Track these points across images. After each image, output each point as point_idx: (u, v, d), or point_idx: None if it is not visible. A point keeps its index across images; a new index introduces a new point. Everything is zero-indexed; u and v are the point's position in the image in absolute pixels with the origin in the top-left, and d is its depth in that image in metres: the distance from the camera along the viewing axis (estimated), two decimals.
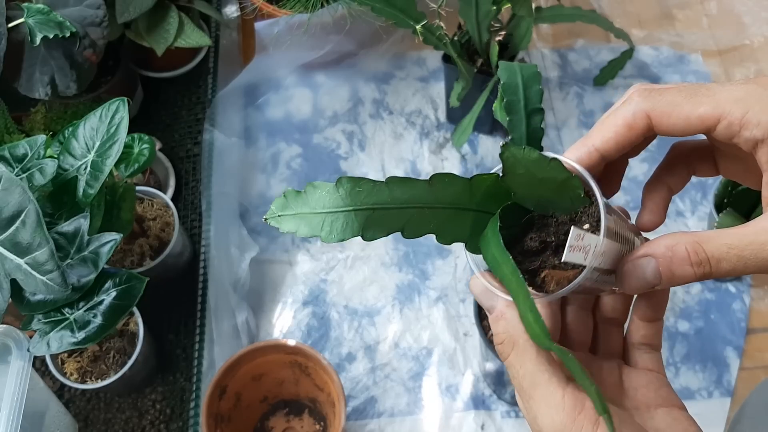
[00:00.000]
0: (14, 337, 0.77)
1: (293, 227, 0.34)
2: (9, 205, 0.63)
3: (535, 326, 0.32)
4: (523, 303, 0.33)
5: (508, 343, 0.36)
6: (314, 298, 1.05)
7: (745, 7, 1.30)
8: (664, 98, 0.35)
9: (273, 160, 1.18)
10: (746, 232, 0.34)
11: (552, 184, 0.35)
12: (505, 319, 0.36)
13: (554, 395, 0.34)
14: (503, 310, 0.36)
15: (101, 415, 0.95)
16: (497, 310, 0.36)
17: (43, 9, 0.91)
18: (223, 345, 0.96)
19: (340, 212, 0.34)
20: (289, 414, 0.95)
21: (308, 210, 0.34)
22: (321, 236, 0.34)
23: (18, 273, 0.65)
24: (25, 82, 0.95)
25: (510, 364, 0.36)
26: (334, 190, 0.34)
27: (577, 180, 0.36)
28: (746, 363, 0.99)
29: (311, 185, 0.34)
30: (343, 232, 0.34)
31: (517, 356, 0.35)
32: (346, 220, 0.34)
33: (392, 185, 0.34)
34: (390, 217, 0.34)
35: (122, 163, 0.84)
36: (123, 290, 0.74)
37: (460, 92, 1.04)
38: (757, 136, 0.34)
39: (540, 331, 0.32)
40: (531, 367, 0.35)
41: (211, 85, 1.24)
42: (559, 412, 0.34)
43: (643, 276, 0.35)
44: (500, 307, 0.36)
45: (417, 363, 1.00)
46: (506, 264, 0.33)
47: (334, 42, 1.20)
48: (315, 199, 0.34)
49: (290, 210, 0.35)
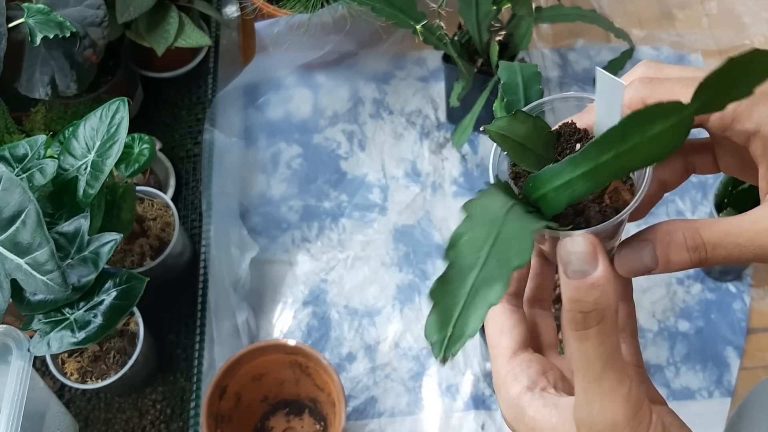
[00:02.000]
0: (14, 337, 0.77)
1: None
2: (9, 205, 0.64)
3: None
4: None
5: (595, 316, 0.32)
6: (314, 298, 1.06)
7: (745, 7, 1.30)
8: (663, 87, 0.35)
9: (273, 160, 1.18)
10: (744, 219, 0.34)
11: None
12: (603, 291, 0.32)
13: (623, 386, 0.33)
14: (603, 281, 0.32)
15: (101, 415, 0.95)
16: (596, 277, 0.32)
17: (44, 9, 0.92)
18: (223, 345, 0.96)
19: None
20: (289, 414, 0.95)
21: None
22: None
23: (18, 273, 0.65)
24: (26, 82, 0.96)
25: (588, 336, 0.33)
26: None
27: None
28: (747, 363, 0.99)
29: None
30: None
31: (600, 333, 0.33)
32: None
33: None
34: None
35: (122, 163, 0.84)
36: (123, 290, 0.74)
37: (461, 92, 1.05)
38: (749, 129, 0.34)
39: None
40: (610, 349, 0.33)
41: (211, 85, 1.24)
42: (623, 405, 0.33)
43: (640, 259, 0.35)
44: (601, 275, 0.32)
45: (417, 363, 1.00)
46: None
47: (335, 42, 1.20)
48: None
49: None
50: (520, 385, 0.37)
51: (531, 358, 0.38)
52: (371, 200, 1.14)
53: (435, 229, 1.11)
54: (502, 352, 0.39)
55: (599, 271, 0.33)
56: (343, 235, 1.11)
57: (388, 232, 1.11)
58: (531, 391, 0.37)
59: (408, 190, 1.15)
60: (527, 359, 0.38)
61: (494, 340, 0.39)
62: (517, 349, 0.39)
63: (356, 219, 1.12)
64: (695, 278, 1.05)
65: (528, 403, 0.36)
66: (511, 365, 0.38)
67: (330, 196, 1.14)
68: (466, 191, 1.14)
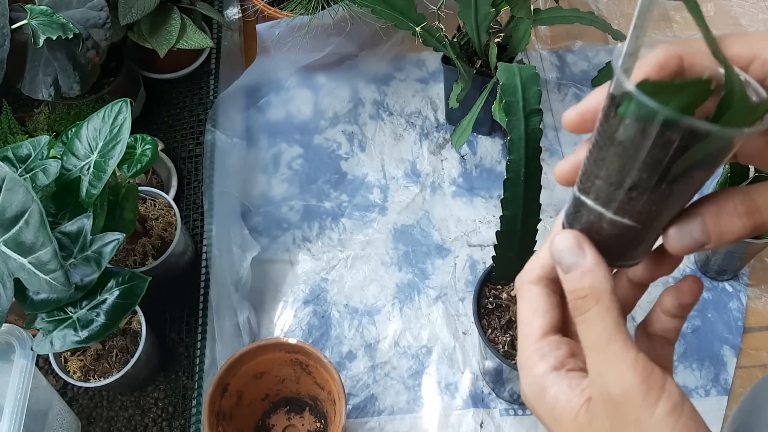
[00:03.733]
0: (18, 335, 0.78)
1: None
2: (13, 205, 0.64)
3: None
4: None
5: (592, 298, 0.35)
6: (315, 297, 1.06)
7: (742, 9, 1.31)
8: (695, 44, 0.35)
9: (274, 160, 1.19)
10: None
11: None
12: (593, 275, 0.35)
13: (628, 354, 0.34)
14: (592, 267, 0.35)
15: (104, 413, 0.96)
16: (586, 265, 0.36)
17: (46, 11, 0.92)
18: (224, 343, 0.97)
19: None
20: (290, 412, 0.96)
21: None
22: None
23: (21, 272, 0.66)
24: (29, 84, 0.96)
25: (588, 317, 0.35)
26: None
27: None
28: (743, 361, 1.00)
29: None
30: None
31: (599, 311, 0.35)
32: None
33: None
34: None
35: (125, 164, 0.85)
36: (126, 289, 0.75)
37: (460, 93, 1.05)
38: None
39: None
40: (612, 324, 0.34)
41: (212, 87, 1.25)
42: (631, 371, 0.34)
43: (690, 234, 0.34)
44: (589, 262, 0.35)
45: (417, 361, 1.01)
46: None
47: (335, 44, 1.21)
48: None
49: None
50: (547, 364, 0.37)
51: (561, 340, 0.39)
52: (371, 200, 1.14)
53: (434, 228, 1.11)
54: (533, 332, 0.39)
55: (588, 259, 0.36)
56: (344, 235, 1.11)
57: (388, 232, 1.11)
58: (557, 371, 0.37)
59: (408, 190, 1.15)
60: (557, 341, 0.38)
61: (526, 318, 0.40)
62: (548, 330, 0.39)
63: (356, 219, 1.13)
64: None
65: (552, 382, 0.37)
66: (539, 344, 0.38)
67: (330, 196, 1.15)
68: (465, 191, 1.15)
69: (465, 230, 1.11)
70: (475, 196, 1.14)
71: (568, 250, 0.36)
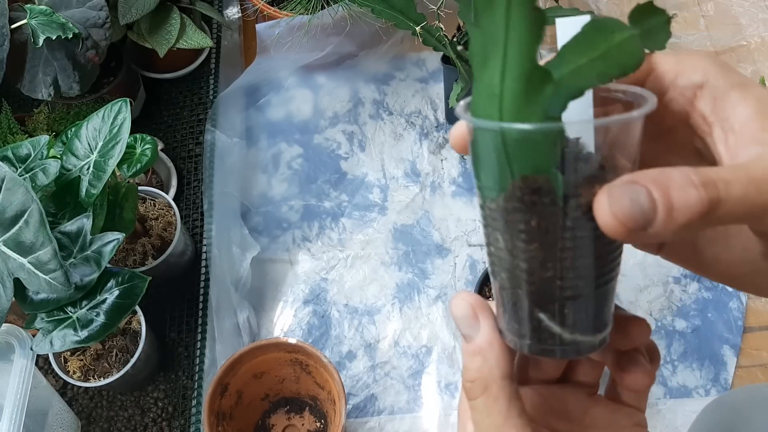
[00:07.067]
0: (17, 335, 0.78)
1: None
2: (12, 205, 0.64)
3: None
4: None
5: (479, 385, 0.31)
6: (315, 296, 1.06)
7: (742, 9, 1.31)
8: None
9: (274, 160, 1.19)
10: (754, 160, 0.26)
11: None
12: (484, 357, 0.31)
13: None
14: (483, 346, 0.31)
15: (104, 413, 0.96)
16: (477, 344, 0.31)
17: (46, 10, 0.92)
18: (224, 343, 0.97)
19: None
20: (290, 412, 0.96)
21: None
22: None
23: (21, 272, 0.65)
24: (28, 83, 0.96)
25: (475, 407, 0.32)
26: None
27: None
28: (743, 361, 1.00)
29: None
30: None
31: (486, 403, 0.31)
32: None
33: None
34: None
35: (125, 164, 0.85)
36: (125, 289, 0.75)
37: (460, 93, 1.05)
38: (695, 81, 0.29)
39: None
40: (499, 419, 0.31)
41: (212, 86, 1.25)
42: None
43: (637, 203, 0.25)
44: (481, 340, 0.31)
45: (416, 361, 1.01)
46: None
47: (335, 43, 1.21)
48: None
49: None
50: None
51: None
52: (371, 200, 1.14)
53: (434, 228, 1.11)
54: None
55: (480, 335, 0.31)
56: (344, 235, 1.11)
57: (388, 232, 1.11)
58: None
59: (407, 189, 1.15)
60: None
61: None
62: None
63: (356, 218, 1.13)
64: (692, 277, 1.06)
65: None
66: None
67: (330, 195, 1.15)
68: (465, 191, 1.15)
69: (465, 230, 1.11)
70: (475, 196, 1.14)
71: (463, 319, 0.32)
